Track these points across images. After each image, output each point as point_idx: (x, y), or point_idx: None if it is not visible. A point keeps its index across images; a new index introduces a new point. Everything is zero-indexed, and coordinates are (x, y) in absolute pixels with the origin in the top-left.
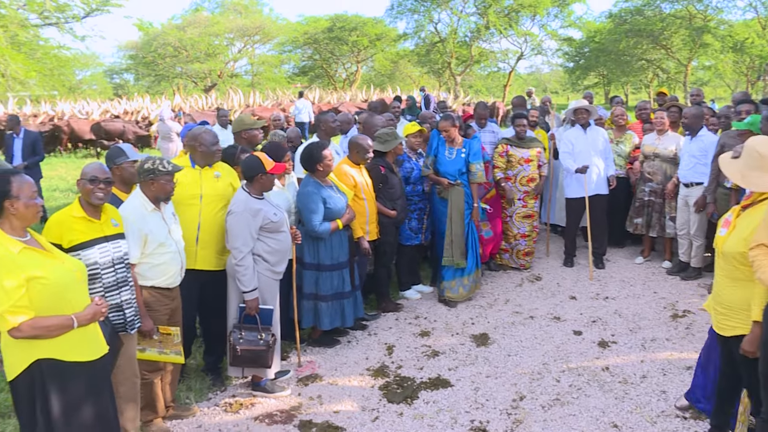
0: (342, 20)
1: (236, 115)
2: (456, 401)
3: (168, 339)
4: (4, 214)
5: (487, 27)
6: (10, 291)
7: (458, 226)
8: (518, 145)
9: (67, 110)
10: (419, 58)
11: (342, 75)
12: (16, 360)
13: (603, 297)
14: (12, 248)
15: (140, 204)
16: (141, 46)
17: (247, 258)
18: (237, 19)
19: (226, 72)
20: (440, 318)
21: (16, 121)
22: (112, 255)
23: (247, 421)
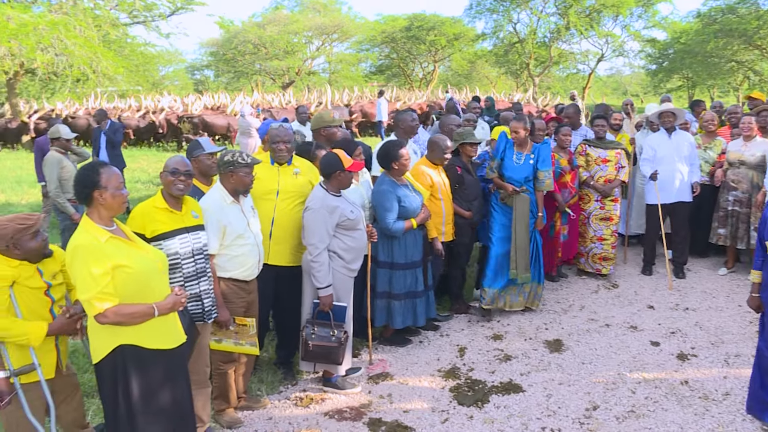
0: (420, 19)
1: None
2: (527, 407)
3: (244, 330)
4: (93, 204)
5: (568, 27)
6: (98, 278)
7: (523, 237)
8: (596, 145)
9: (166, 104)
10: (497, 58)
11: (419, 74)
12: (101, 344)
13: (683, 308)
14: (100, 237)
15: (220, 196)
16: (222, 44)
17: (323, 254)
18: (316, 18)
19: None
20: (513, 322)
21: (104, 115)
22: (192, 246)
23: (317, 416)
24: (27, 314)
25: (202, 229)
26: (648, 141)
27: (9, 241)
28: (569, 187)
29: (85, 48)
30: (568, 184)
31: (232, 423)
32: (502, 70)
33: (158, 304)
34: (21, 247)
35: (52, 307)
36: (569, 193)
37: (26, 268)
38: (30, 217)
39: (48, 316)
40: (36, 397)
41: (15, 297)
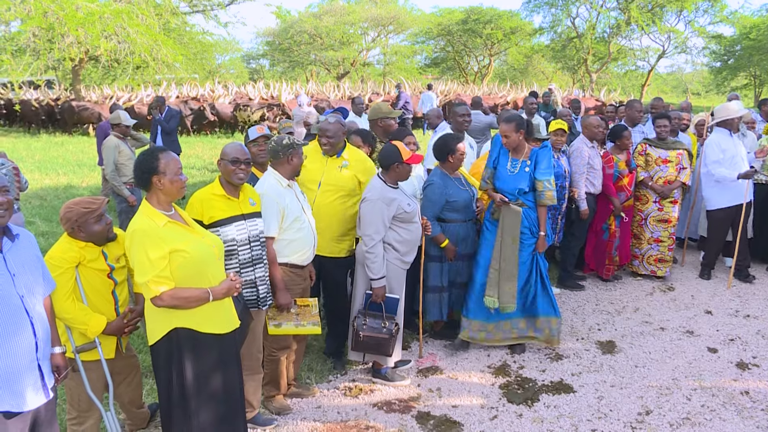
0: (477, 12)
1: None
2: (578, 408)
3: (306, 310)
4: (152, 189)
5: (628, 22)
6: (155, 261)
7: (509, 257)
8: (658, 145)
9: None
10: (554, 53)
11: (474, 68)
12: (157, 327)
13: (743, 315)
14: (158, 222)
15: (276, 181)
16: (278, 33)
17: (378, 246)
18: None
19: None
20: (566, 321)
21: (161, 102)
22: (248, 232)
23: (366, 406)
24: (90, 295)
25: (259, 217)
26: (713, 141)
27: (74, 223)
28: (626, 190)
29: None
30: (625, 187)
31: (281, 409)
32: (559, 66)
33: (213, 289)
34: (86, 230)
35: (114, 290)
36: (625, 196)
37: (91, 250)
38: (95, 201)
39: (110, 298)
40: (96, 376)
41: (80, 278)
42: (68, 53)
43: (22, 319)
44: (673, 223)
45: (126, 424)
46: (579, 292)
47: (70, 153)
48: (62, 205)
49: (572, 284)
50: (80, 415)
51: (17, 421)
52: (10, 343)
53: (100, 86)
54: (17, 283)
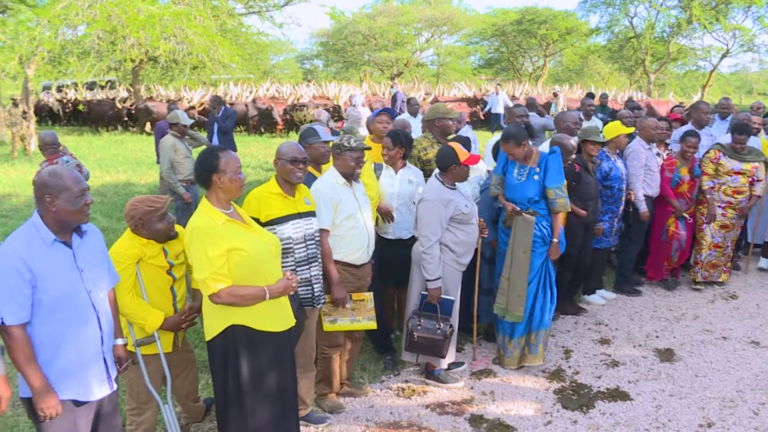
0: (532, 13)
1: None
2: (635, 417)
3: (361, 305)
4: (212, 187)
5: (690, 21)
6: (213, 259)
7: (520, 268)
8: (733, 156)
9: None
10: (610, 54)
11: (528, 69)
12: (214, 323)
13: None
14: (217, 220)
15: (332, 177)
16: (332, 34)
17: (435, 247)
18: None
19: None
20: (622, 327)
21: (218, 101)
22: (304, 231)
23: (419, 408)
24: (150, 290)
25: (314, 216)
26: None
27: (138, 221)
28: (686, 197)
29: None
30: (685, 194)
31: (334, 408)
32: (616, 66)
33: (270, 288)
34: (148, 228)
35: (172, 286)
36: (685, 204)
37: (152, 247)
38: (158, 200)
39: (168, 294)
40: (155, 369)
41: (140, 274)
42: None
43: (89, 314)
44: (731, 229)
45: (182, 417)
46: (636, 297)
47: (129, 151)
48: (127, 202)
49: (629, 289)
50: (139, 407)
51: (84, 409)
52: (78, 337)
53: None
54: (85, 279)
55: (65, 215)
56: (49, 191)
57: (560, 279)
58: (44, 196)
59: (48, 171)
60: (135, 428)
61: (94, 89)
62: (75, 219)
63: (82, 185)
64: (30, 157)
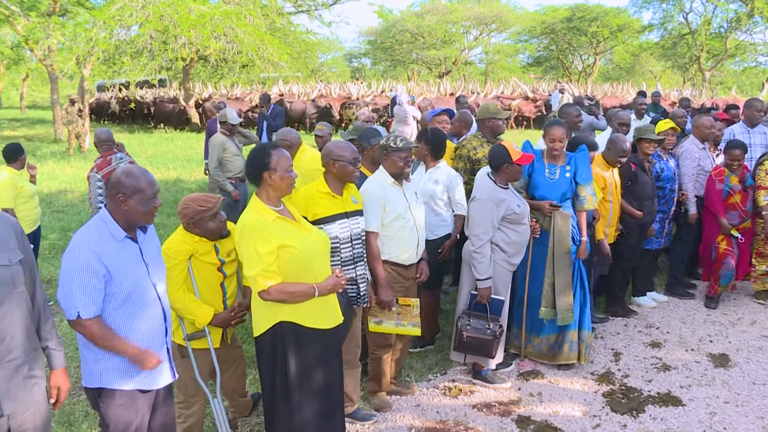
0: (582, 10)
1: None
2: (687, 423)
3: (407, 311)
4: (263, 185)
5: (751, 15)
6: (263, 256)
7: (563, 268)
8: None
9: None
10: (663, 51)
11: (578, 67)
12: (263, 319)
13: None
14: (267, 217)
15: (382, 178)
16: (380, 32)
17: (486, 246)
18: (474, 7)
19: (461, 59)
20: (674, 330)
21: (267, 99)
22: (350, 231)
23: (465, 407)
24: (201, 287)
25: (361, 215)
26: None
27: (190, 219)
28: (738, 209)
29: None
30: (737, 205)
31: (381, 406)
32: (668, 64)
33: (319, 285)
34: (200, 227)
35: (223, 282)
36: (738, 217)
37: (204, 245)
38: (210, 199)
39: (219, 290)
40: (204, 363)
41: (192, 270)
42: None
43: (156, 306)
44: None
45: (229, 411)
46: (688, 300)
47: (179, 148)
48: (180, 200)
49: (681, 292)
50: (187, 400)
51: (146, 398)
52: (146, 328)
53: (213, 83)
54: (151, 272)
55: (135, 215)
56: (123, 190)
57: (609, 280)
58: (118, 194)
59: (124, 171)
60: (183, 421)
61: (162, 86)
62: (143, 220)
63: (154, 188)
64: (84, 154)
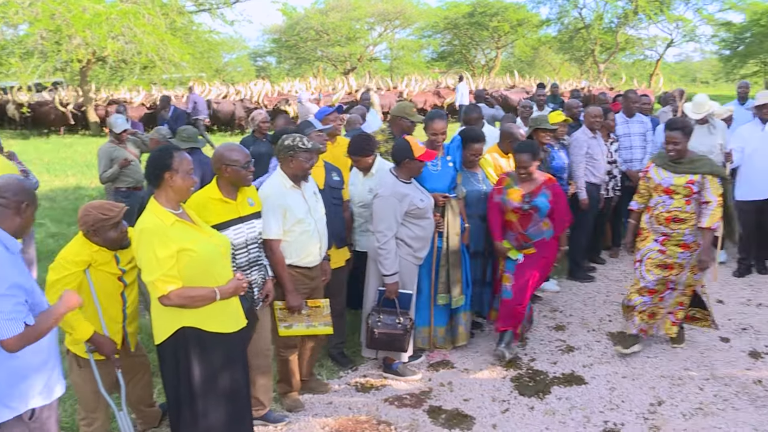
0: (483, 5)
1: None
2: (590, 400)
3: (317, 312)
4: (163, 186)
5: (636, 12)
6: (163, 260)
7: (455, 252)
8: (664, 165)
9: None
10: (561, 44)
11: (481, 61)
12: (164, 326)
13: (755, 303)
14: (166, 221)
15: (279, 182)
16: (284, 30)
17: (390, 242)
18: (378, 4)
19: (366, 56)
20: (576, 313)
21: (167, 101)
22: (246, 236)
23: (377, 402)
24: (101, 296)
25: (257, 218)
26: (739, 132)
27: (90, 227)
28: (516, 231)
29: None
30: (515, 226)
31: (293, 407)
32: (566, 57)
33: (220, 288)
34: (100, 235)
35: (123, 291)
36: (515, 240)
37: (104, 254)
38: (113, 208)
39: (119, 299)
40: (106, 373)
41: (92, 279)
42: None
43: None
44: (675, 272)
45: (138, 423)
46: (589, 283)
47: (78, 154)
48: (81, 207)
49: (582, 276)
50: (89, 416)
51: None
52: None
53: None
54: None
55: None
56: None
57: None
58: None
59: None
60: None
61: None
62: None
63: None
64: None
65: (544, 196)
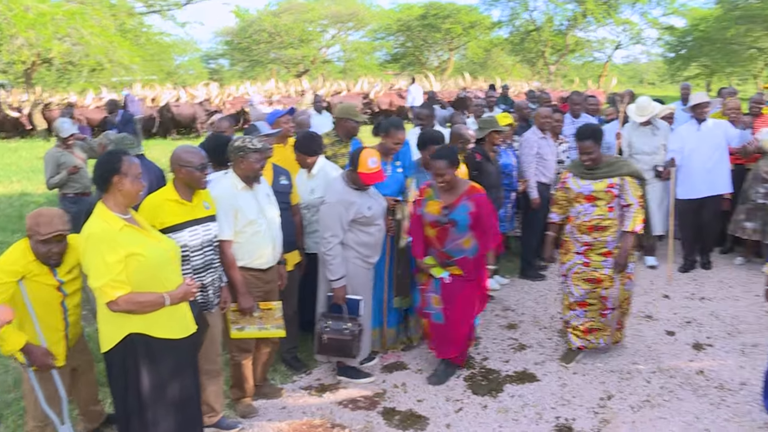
0: (436, 7)
1: None
2: (542, 396)
3: (269, 314)
4: (111, 190)
5: (585, 15)
6: (111, 266)
7: (405, 255)
8: (581, 174)
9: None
10: (513, 46)
11: (434, 63)
12: (111, 333)
13: (699, 297)
14: (114, 225)
15: (231, 183)
16: (237, 32)
17: (336, 248)
18: (331, 6)
19: (319, 58)
20: (528, 311)
21: (115, 105)
22: (201, 238)
23: (331, 405)
24: (37, 307)
25: (213, 220)
26: (678, 132)
27: (27, 231)
28: (436, 248)
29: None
30: (434, 243)
31: (246, 413)
32: (518, 59)
33: (170, 294)
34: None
35: (63, 301)
36: (437, 256)
37: (39, 265)
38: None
39: (58, 308)
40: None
41: (26, 290)
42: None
43: None
44: (606, 284)
45: (81, 421)
46: (540, 281)
47: (23, 159)
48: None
49: (534, 274)
50: (37, 426)
51: None
52: None
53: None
54: None
55: None
56: None
57: None
58: None
59: None
60: None
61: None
62: None
63: None
64: None
65: (464, 208)
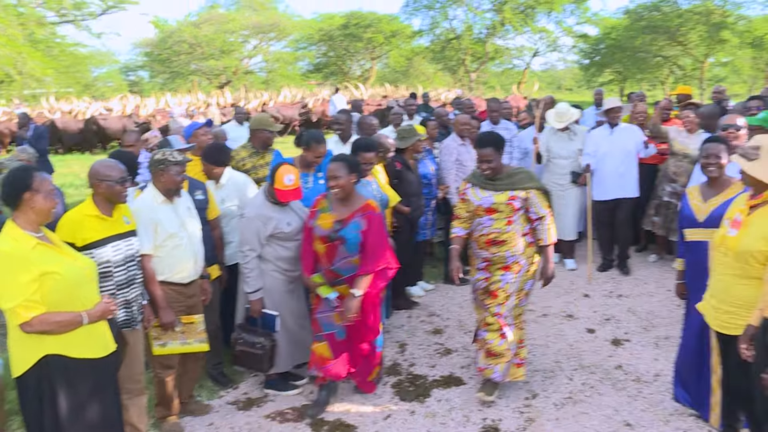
0: (357, 17)
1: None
2: (468, 399)
3: (191, 328)
4: (22, 208)
5: (503, 23)
6: (24, 286)
7: None
8: (481, 184)
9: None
10: (434, 54)
11: (356, 72)
12: (24, 356)
13: (616, 295)
14: (26, 244)
15: (151, 196)
16: (156, 44)
17: (252, 261)
18: (252, 16)
19: (241, 69)
20: (453, 316)
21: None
22: (124, 253)
23: (259, 419)
24: None
25: (134, 235)
26: (591, 136)
27: None
28: (324, 266)
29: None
30: (321, 258)
31: (172, 431)
32: (439, 67)
33: (88, 312)
34: None
35: None
36: (325, 275)
37: None
38: None
39: None
40: None
41: None
42: None
43: None
44: (500, 299)
45: None
46: (465, 286)
47: None
48: None
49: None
50: None
51: None
52: None
53: None
54: None
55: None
56: None
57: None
58: None
59: None
60: None
61: None
62: None
63: None
64: None
65: (356, 225)
